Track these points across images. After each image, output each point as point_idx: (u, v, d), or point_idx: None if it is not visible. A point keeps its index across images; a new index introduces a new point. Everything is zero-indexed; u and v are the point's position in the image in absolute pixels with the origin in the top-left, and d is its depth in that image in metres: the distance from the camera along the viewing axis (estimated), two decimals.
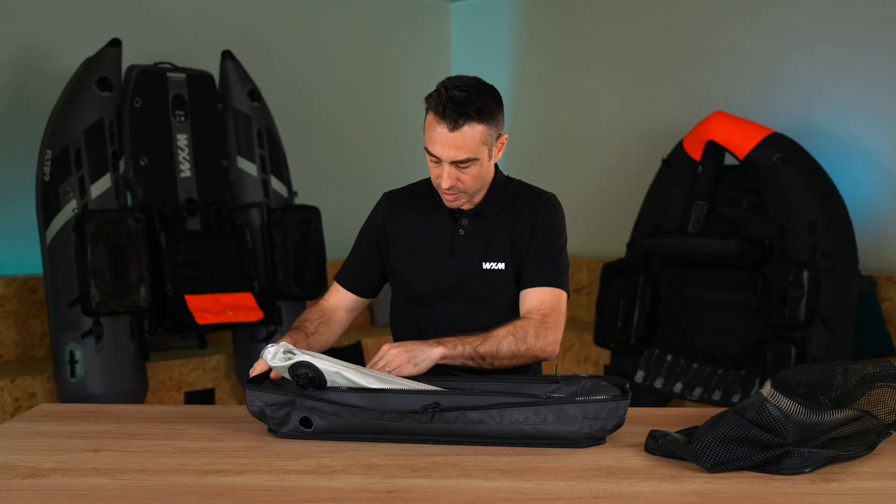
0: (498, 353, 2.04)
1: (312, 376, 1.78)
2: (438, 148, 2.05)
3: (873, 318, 4.07)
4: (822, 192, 3.95)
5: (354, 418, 1.75)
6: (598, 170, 5.41)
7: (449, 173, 2.06)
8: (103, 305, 3.79)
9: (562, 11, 5.59)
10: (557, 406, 1.73)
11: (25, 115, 4.39)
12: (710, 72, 4.92)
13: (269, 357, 1.81)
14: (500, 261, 2.18)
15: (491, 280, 2.17)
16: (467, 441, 1.76)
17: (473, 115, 2.03)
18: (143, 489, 1.51)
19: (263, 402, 1.79)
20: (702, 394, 4.20)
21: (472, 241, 2.19)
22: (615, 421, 1.76)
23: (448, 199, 2.14)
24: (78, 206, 3.83)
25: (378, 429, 1.76)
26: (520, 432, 1.74)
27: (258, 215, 4.38)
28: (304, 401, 1.77)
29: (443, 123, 2.02)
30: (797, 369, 1.69)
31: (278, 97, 4.94)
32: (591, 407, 1.73)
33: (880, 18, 4.32)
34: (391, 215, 2.25)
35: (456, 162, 2.05)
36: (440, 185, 2.10)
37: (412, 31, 5.95)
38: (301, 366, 1.78)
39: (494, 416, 1.73)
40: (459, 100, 2.02)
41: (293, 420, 1.79)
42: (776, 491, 1.51)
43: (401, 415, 1.74)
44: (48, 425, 1.92)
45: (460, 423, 1.74)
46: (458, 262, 2.18)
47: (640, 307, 4.31)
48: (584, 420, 1.73)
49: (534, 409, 1.73)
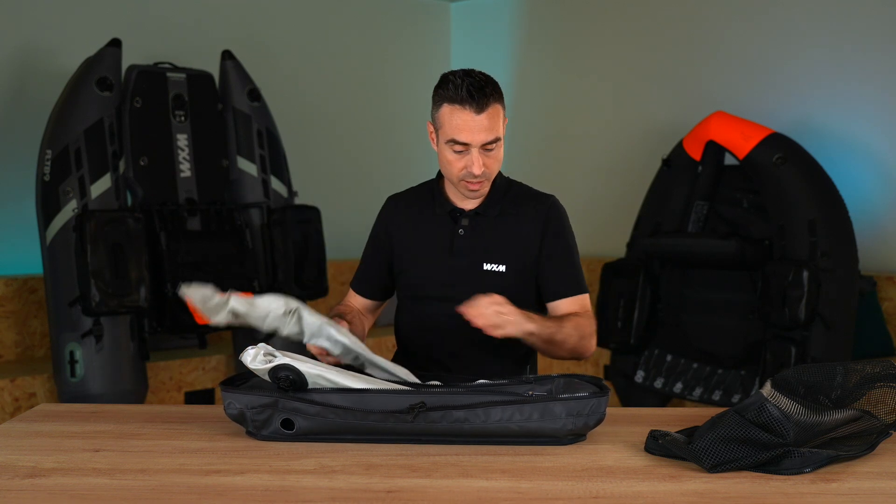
0: (564, 344, 2.10)
1: (294, 378, 1.76)
2: (467, 134, 2.06)
3: (873, 318, 4.07)
4: (822, 192, 3.95)
5: (338, 419, 1.74)
6: (598, 170, 5.41)
7: (478, 159, 2.08)
8: (103, 305, 3.79)
9: (562, 11, 5.59)
10: (542, 404, 1.74)
11: (25, 115, 4.39)
12: (710, 72, 4.92)
13: (249, 360, 1.79)
14: (500, 262, 2.18)
15: (491, 281, 2.17)
16: (451, 440, 1.76)
17: (494, 95, 2.08)
18: (143, 489, 1.51)
19: (244, 404, 1.77)
20: (702, 394, 4.20)
21: (471, 241, 2.20)
22: (597, 417, 1.78)
23: (474, 189, 2.15)
24: (78, 206, 3.83)
25: (362, 429, 1.75)
26: (504, 430, 1.75)
27: (258, 215, 4.38)
28: (286, 402, 1.75)
29: (467, 109, 2.05)
30: (797, 369, 1.69)
31: (278, 97, 4.94)
32: (575, 404, 1.75)
33: (880, 18, 4.32)
34: (394, 219, 2.29)
35: (485, 145, 2.08)
36: (467, 176, 2.11)
37: (412, 31, 5.95)
38: (282, 368, 1.76)
39: (479, 414, 1.74)
40: (478, 82, 2.06)
41: (274, 422, 1.77)
42: (776, 491, 1.51)
43: (385, 415, 1.74)
44: (48, 425, 1.92)
45: (445, 422, 1.74)
46: (457, 262, 2.19)
47: (640, 307, 4.31)
48: (567, 417, 1.75)
49: (518, 407, 1.74)
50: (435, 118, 2.13)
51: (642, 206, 4.52)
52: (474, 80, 2.06)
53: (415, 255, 2.25)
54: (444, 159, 2.14)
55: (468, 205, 2.22)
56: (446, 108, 2.08)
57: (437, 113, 2.11)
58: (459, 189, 2.18)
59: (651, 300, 4.34)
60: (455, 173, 2.13)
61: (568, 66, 5.57)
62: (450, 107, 2.07)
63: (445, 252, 2.20)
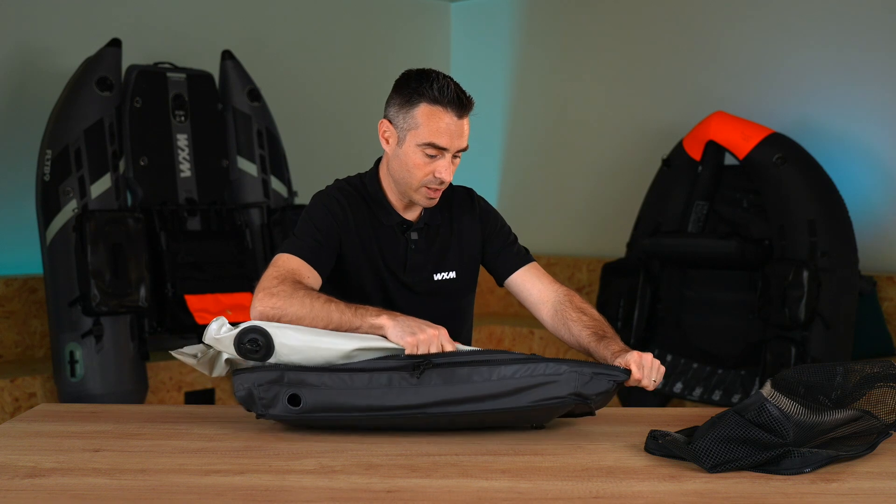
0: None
1: (262, 342, 1.76)
2: (447, 139, 1.98)
3: (873, 318, 4.07)
4: (822, 192, 3.95)
5: (343, 387, 1.75)
6: (598, 170, 5.41)
7: (449, 165, 2.01)
8: (103, 305, 3.79)
9: (561, 12, 5.59)
10: (546, 363, 1.75)
11: (25, 115, 4.39)
12: (710, 72, 4.92)
13: (213, 333, 1.78)
14: (451, 269, 2.15)
15: (441, 288, 2.14)
16: (454, 411, 1.75)
17: (472, 102, 2.03)
18: (143, 489, 1.51)
19: (251, 382, 1.78)
20: (702, 394, 4.20)
21: (424, 255, 2.12)
22: (602, 387, 1.77)
23: (433, 197, 2.05)
24: (78, 206, 3.83)
25: (368, 400, 1.75)
26: (508, 387, 1.74)
27: (258, 215, 4.38)
28: (291, 375, 1.76)
29: (450, 112, 1.98)
30: (797, 369, 1.69)
31: (278, 97, 4.94)
32: (580, 365, 1.76)
33: (880, 18, 4.32)
34: (344, 223, 2.08)
35: (457, 151, 2.02)
36: (432, 182, 2.01)
37: (412, 31, 5.95)
38: (248, 331, 1.76)
39: (484, 372, 1.74)
40: (458, 85, 2.01)
41: (281, 399, 1.77)
42: (776, 491, 1.51)
43: (389, 386, 1.73)
44: (48, 425, 1.92)
45: (450, 384, 1.74)
46: (410, 277, 2.11)
47: (640, 307, 4.31)
48: (571, 372, 1.74)
49: (523, 364, 1.75)
50: (402, 117, 2.00)
51: (642, 206, 4.52)
52: (456, 83, 2.00)
53: (363, 266, 2.08)
54: (407, 163, 2.01)
55: (410, 215, 2.12)
56: (425, 108, 1.97)
57: (407, 111, 1.99)
58: (414, 196, 2.05)
59: (651, 300, 4.34)
60: (419, 178, 2.01)
61: (568, 66, 5.57)
62: (430, 107, 1.97)
63: (399, 268, 2.10)
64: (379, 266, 2.09)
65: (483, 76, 5.80)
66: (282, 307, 1.85)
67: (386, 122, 2.06)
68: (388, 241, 2.10)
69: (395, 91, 2.05)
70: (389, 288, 2.10)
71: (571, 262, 5.26)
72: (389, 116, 2.05)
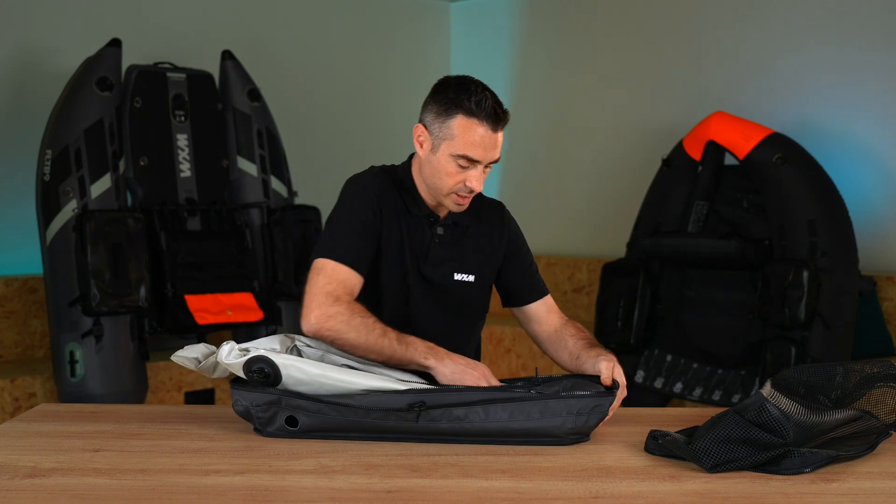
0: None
1: (268, 371, 1.76)
2: (481, 151, 1.99)
3: (873, 318, 4.07)
4: (822, 192, 3.95)
5: (339, 416, 1.75)
6: (598, 170, 5.41)
7: (480, 176, 2.02)
8: (103, 305, 3.79)
9: (562, 11, 5.59)
10: (542, 402, 1.75)
11: (25, 115, 4.39)
12: (710, 72, 4.92)
13: (224, 355, 1.79)
14: (470, 273, 2.15)
15: (459, 291, 2.14)
16: (452, 440, 1.76)
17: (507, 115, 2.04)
18: (143, 489, 1.51)
19: (249, 401, 1.79)
20: (702, 394, 4.20)
21: (447, 250, 2.13)
22: (598, 416, 1.78)
23: (462, 203, 2.07)
24: (78, 206, 3.83)
25: (363, 427, 1.76)
26: (505, 430, 1.75)
27: (258, 215, 4.38)
28: (289, 400, 1.77)
29: (486, 125, 1.98)
30: (797, 369, 1.69)
31: (278, 97, 4.94)
32: (575, 402, 1.76)
33: (880, 18, 4.32)
34: (383, 203, 2.08)
35: (490, 163, 2.03)
36: (462, 190, 2.03)
37: (412, 31, 5.95)
38: (256, 361, 1.76)
39: (479, 412, 1.74)
40: (495, 98, 2.02)
41: (279, 419, 1.79)
42: (776, 491, 1.51)
43: (386, 413, 1.74)
44: (48, 425, 1.92)
45: (445, 420, 1.75)
46: (431, 270, 2.11)
47: (639, 307, 4.30)
48: (567, 415, 1.75)
49: (518, 405, 1.74)
50: (438, 125, 2.01)
51: (642, 206, 4.52)
52: (494, 96, 2.01)
53: (386, 254, 2.08)
54: (440, 170, 2.02)
55: (439, 211, 2.13)
56: (462, 119, 1.98)
57: (443, 121, 2.00)
58: (444, 201, 2.07)
59: (651, 300, 4.33)
60: (450, 185, 2.03)
61: (568, 66, 5.57)
62: (467, 120, 1.98)
63: (421, 259, 2.10)
64: (402, 254, 2.09)
65: (483, 76, 5.71)
66: (339, 332, 1.90)
67: (421, 126, 2.07)
68: (414, 230, 2.11)
69: (433, 98, 2.05)
70: (409, 278, 2.09)
71: (571, 262, 5.26)
72: (426, 122, 2.06)
